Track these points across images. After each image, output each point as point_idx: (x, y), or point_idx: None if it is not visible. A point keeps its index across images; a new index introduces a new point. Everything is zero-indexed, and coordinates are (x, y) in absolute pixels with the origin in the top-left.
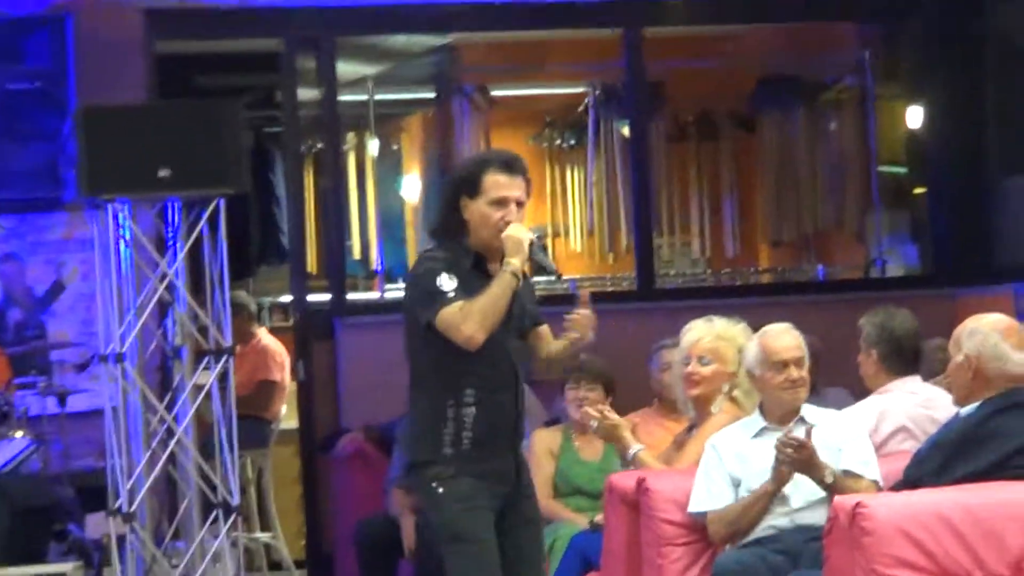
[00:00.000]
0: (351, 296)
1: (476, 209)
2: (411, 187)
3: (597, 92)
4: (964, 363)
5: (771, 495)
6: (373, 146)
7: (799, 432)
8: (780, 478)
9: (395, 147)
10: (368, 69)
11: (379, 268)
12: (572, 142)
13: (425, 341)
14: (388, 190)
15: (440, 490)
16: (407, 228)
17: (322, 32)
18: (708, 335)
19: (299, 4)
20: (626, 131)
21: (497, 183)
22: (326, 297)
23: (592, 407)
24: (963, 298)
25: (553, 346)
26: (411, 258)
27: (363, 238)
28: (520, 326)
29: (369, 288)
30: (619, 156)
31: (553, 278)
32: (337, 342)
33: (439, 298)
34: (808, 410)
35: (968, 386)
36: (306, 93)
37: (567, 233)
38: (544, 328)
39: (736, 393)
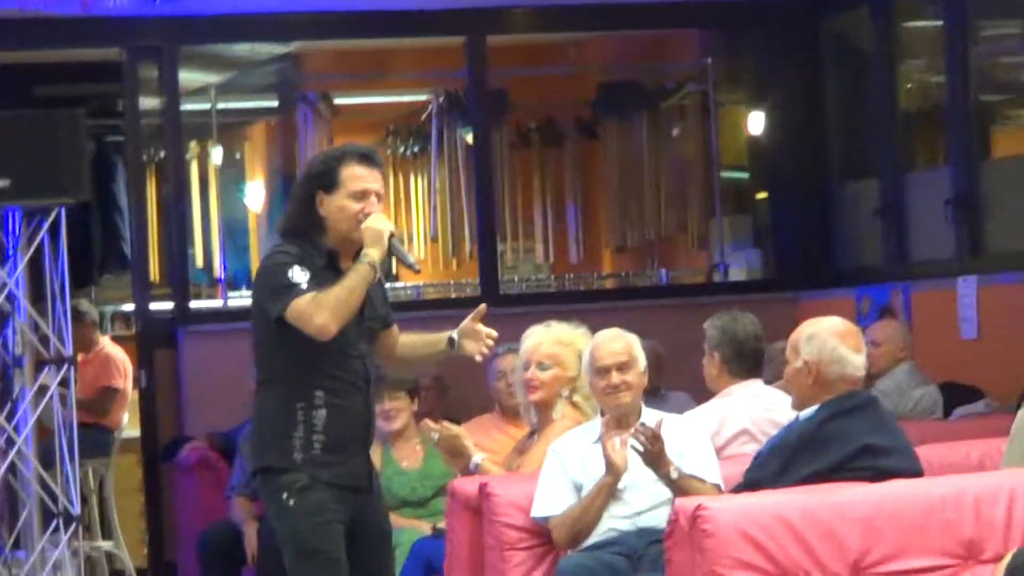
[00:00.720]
0: (194, 304)
1: (334, 204)
2: (254, 195)
3: (440, 100)
4: (803, 368)
5: (609, 487)
6: (216, 154)
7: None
8: (616, 470)
9: (238, 156)
10: (211, 78)
11: (222, 276)
12: (416, 150)
13: (275, 339)
14: (231, 198)
15: (291, 502)
16: (250, 236)
17: (164, 41)
18: (547, 340)
19: (140, 13)
20: (469, 138)
21: (355, 175)
22: (169, 305)
23: (431, 420)
24: (805, 302)
25: (409, 346)
26: (254, 266)
27: (206, 246)
28: (370, 328)
29: (212, 296)
30: (463, 163)
31: (413, 269)
32: (180, 350)
33: (290, 290)
34: (649, 414)
35: (808, 390)
36: (148, 102)
37: (411, 240)
38: (394, 329)
39: (577, 398)
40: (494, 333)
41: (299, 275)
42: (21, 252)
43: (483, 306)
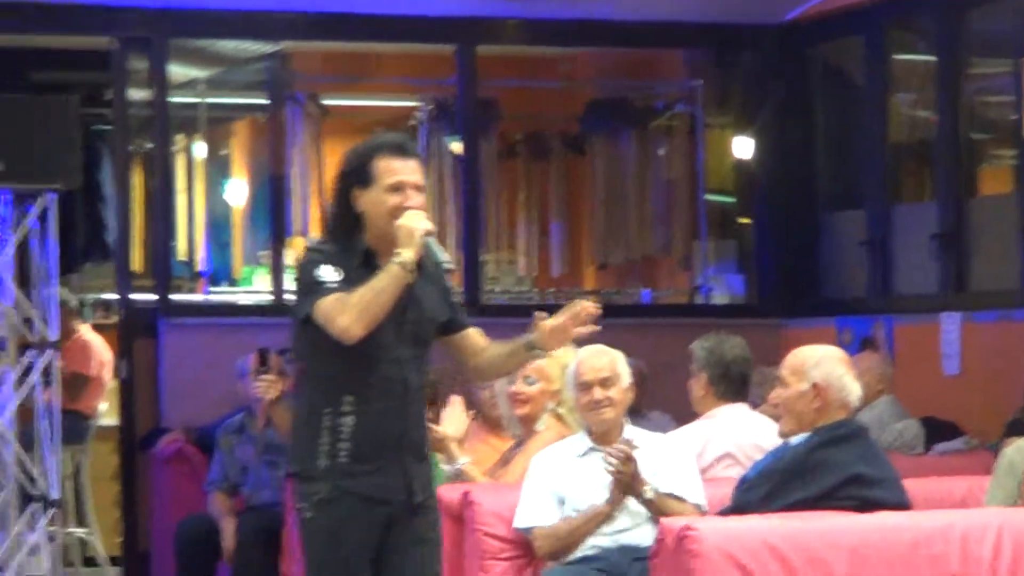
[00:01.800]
0: (175, 297)
1: (371, 199)
2: (238, 191)
3: (429, 107)
4: (809, 391)
5: (604, 516)
6: (201, 149)
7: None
8: (616, 499)
9: (224, 151)
10: (199, 72)
11: (204, 270)
12: None
13: (305, 340)
14: (215, 193)
15: (308, 515)
16: (233, 231)
17: (154, 33)
18: None
19: (132, 4)
20: (456, 147)
21: (390, 168)
22: (150, 296)
23: None
24: (786, 329)
25: (492, 352)
26: (237, 261)
27: (189, 240)
28: (419, 332)
29: (193, 290)
30: (449, 172)
31: (444, 270)
32: (160, 341)
33: (318, 289)
34: (632, 432)
35: (809, 415)
36: (136, 93)
37: None
38: (471, 332)
39: (561, 410)
40: (593, 308)
41: (328, 274)
42: (11, 235)
43: (587, 305)
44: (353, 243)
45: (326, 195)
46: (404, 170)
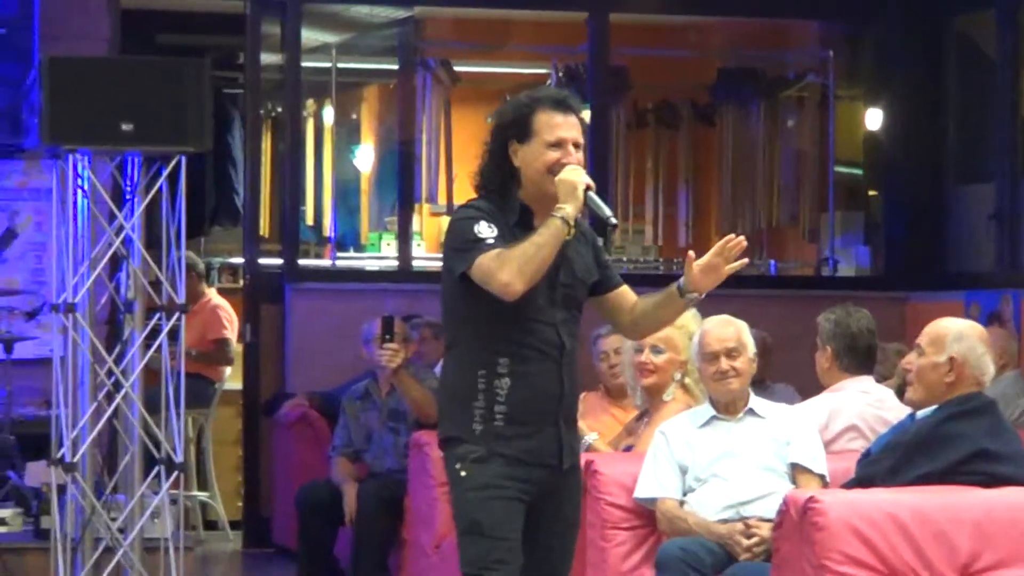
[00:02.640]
0: (303, 262)
1: (529, 153)
2: (366, 157)
3: (559, 74)
4: (945, 364)
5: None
6: (331, 114)
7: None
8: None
9: (353, 116)
10: (331, 37)
11: (332, 236)
12: None
13: (459, 300)
14: (344, 159)
15: (463, 473)
16: (361, 197)
17: None
18: None
19: None
20: (586, 115)
21: (551, 123)
22: (277, 261)
23: None
24: (913, 303)
25: (644, 305)
26: (364, 227)
27: (317, 205)
28: (568, 294)
29: (320, 255)
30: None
31: (609, 225)
32: (287, 307)
33: (476, 246)
34: (757, 403)
35: (940, 387)
36: (268, 57)
37: None
38: (623, 291)
39: (687, 381)
40: (742, 241)
41: (486, 230)
42: (140, 197)
43: (735, 239)
44: (508, 200)
45: (453, 161)
46: (565, 126)
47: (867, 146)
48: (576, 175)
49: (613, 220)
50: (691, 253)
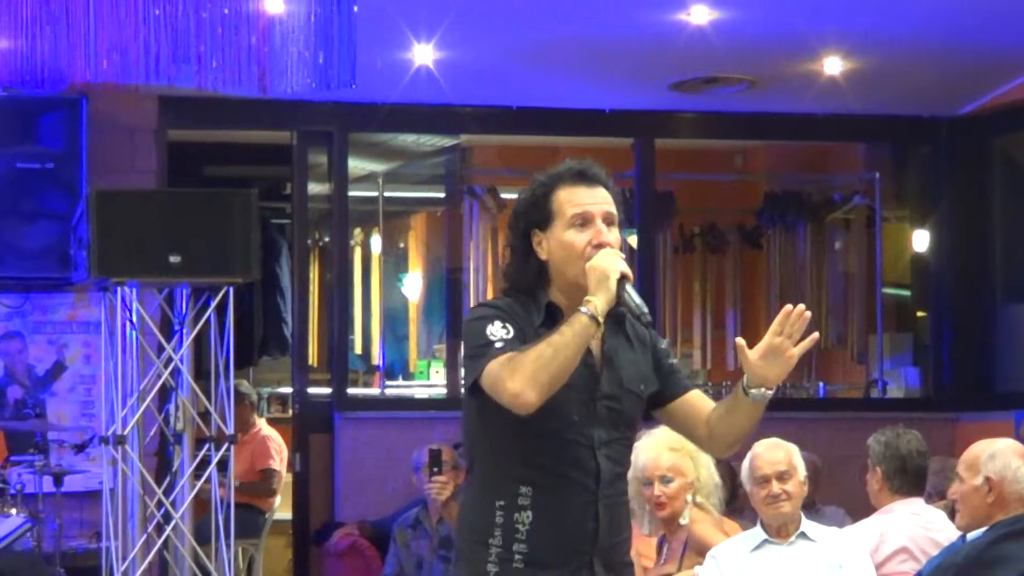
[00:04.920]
0: (352, 391)
1: (554, 240)
2: (414, 285)
3: None
4: (983, 486)
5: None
6: (378, 242)
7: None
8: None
9: (401, 244)
10: (377, 166)
11: (380, 364)
12: None
13: (475, 415)
14: (391, 287)
15: None
16: (409, 325)
17: (335, 127)
18: (662, 452)
19: (312, 99)
20: (633, 240)
21: (572, 198)
22: (326, 390)
23: None
24: (963, 423)
25: (716, 414)
26: (413, 355)
27: (365, 333)
28: (618, 408)
29: (369, 384)
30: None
31: (643, 322)
32: (336, 435)
33: (486, 351)
34: (809, 526)
35: (984, 509)
36: (315, 186)
37: None
38: (693, 397)
39: (699, 499)
40: (803, 309)
41: (499, 331)
42: (188, 328)
43: (791, 309)
44: (536, 298)
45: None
46: (591, 197)
47: (914, 267)
48: (610, 261)
49: (647, 316)
50: (740, 340)
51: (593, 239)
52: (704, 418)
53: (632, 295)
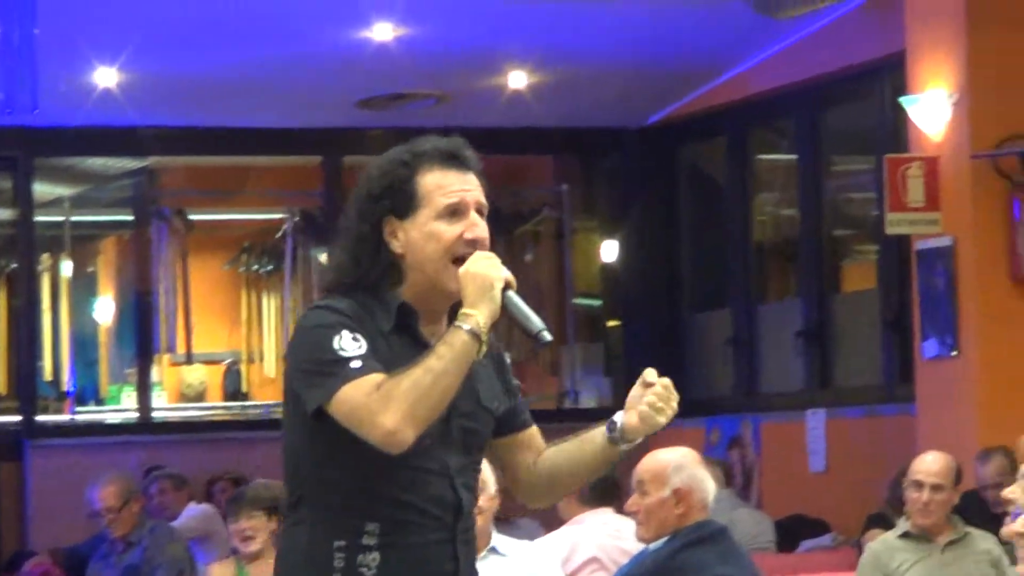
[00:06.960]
0: (41, 418)
1: (415, 232)
2: (105, 309)
3: (295, 219)
4: (671, 498)
5: None
6: (68, 267)
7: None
8: None
9: (90, 269)
10: (65, 190)
11: (70, 390)
12: (269, 268)
13: (307, 440)
14: (81, 312)
15: None
16: (100, 349)
17: (19, 151)
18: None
19: None
20: (323, 258)
21: (443, 183)
22: (15, 418)
23: None
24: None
25: (553, 461)
26: (104, 379)
27: (55, 359)
28: (472, 430)
29: (60, 410)
30: (316, 282)
31: (541, 342)
32: (25, 464)
33: (338, 369)
34: (499, 540)
35: (671, 520)
36: (1, 212)
37: (262, 358)
38: (532, 432)
39: None
40: (668, 382)
41: (349, 344)
42: None
43: (650, 371)
44: (382, 298)
45: (192, 310)
46: (462, 184)
47: (604, 277)
48: (490, 267)
49: (547, 335)
50: (648, 372)
51: (466, 232)
52: (530, 462)
53: (521, 307)
